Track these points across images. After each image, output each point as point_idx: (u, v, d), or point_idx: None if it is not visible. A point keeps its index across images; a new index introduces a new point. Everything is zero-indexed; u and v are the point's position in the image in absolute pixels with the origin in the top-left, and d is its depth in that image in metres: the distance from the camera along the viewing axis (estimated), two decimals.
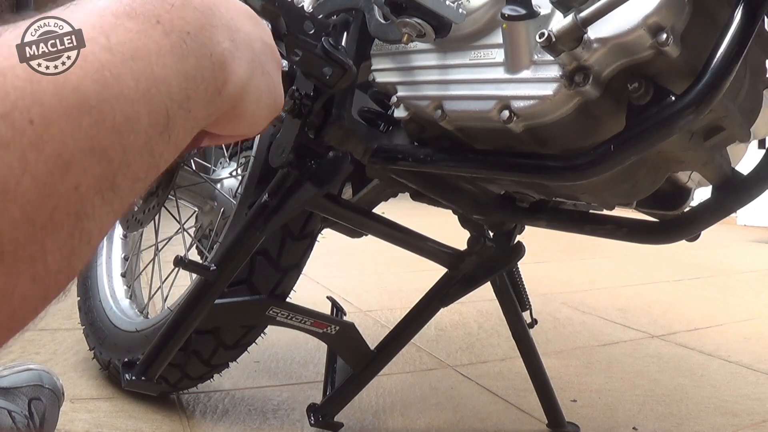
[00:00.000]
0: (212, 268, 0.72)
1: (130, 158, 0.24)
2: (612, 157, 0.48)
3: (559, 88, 0.48)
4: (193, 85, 0.26)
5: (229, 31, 0.29)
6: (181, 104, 0.26)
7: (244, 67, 0.30)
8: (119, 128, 0.23)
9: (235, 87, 0.29)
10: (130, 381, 0.74)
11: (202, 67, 0.27)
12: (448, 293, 0.84)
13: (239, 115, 0.31)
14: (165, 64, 0.25)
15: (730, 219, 3.16)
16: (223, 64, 0.28)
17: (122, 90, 0.23)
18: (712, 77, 0.44)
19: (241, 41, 0.30)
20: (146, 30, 0.25)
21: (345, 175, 0.66)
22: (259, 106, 0.32)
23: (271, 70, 0.32)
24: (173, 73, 0.25)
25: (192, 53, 0.26)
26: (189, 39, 0.26)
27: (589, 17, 0.44)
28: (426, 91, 0.57)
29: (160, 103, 0.25)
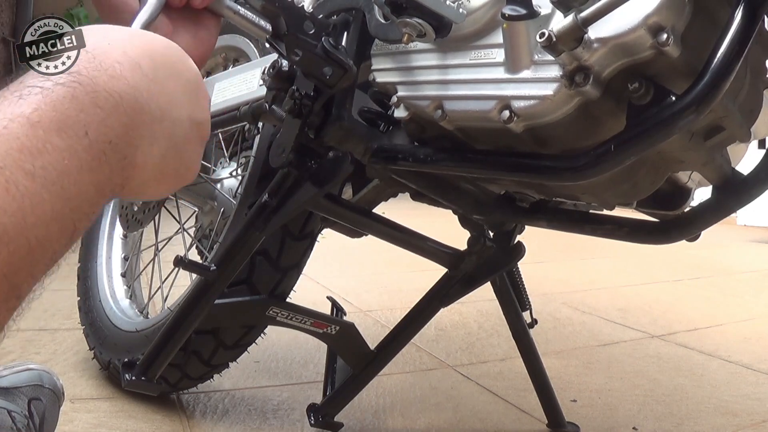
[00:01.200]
0: (212, 268, 0.72)
1: (36, 272, 0.25)
2: (612, 158, 0.48)
3: (559, 88, 0.48)
4: (102, 193, 0.28)
5: (151, 126, 0.30)
6: (88, 213, 0.27)
7: (154, 158, 0.31)
8: (32, 251, 0.24)
9: (140, 179, 0.31)
10: (130, 381, 0.74)
11: (114, 173, 0.28)
12: (448, 293, 0.84)
13: (139, 194, 0.33)
14: (82, 180, 0.26)
15: (730, 219, 3.16)
16: (133, 162, 0.29)
17: (39, 217, 0.24)
18: (713, 77, 0.44)
19: (162, 131, 0.31)
20: (72, 146, 0.26)
21: (345, 175, 0.66)
22: (160, 186, 0.33)
23: (187, 150, 0.34)
24: (87, 187, 0.26)
25: (108, 162, 0.27)
26: (109, 149, 0.27)
27: (590, 17, 0.44)
28: (426, 91, 0.57)
29: (70, 219, 0.26)
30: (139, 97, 0.29)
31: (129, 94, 0.28)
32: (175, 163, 0.33)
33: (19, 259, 0.24)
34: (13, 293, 0.24)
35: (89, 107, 0.26)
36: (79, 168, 0.26)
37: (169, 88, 0.31)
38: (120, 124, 0.28)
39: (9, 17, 3.22)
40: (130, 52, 0.30)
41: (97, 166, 0.27)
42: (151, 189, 0.33)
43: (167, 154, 0.32)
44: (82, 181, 0.26)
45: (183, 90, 0.33)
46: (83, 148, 0.26)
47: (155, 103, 0.30)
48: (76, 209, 0.26)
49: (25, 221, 0.24)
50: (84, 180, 0.26)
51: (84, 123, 0.26)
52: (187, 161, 0.34)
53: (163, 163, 0.32)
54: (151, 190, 0.33)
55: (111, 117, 0.27)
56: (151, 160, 0.31)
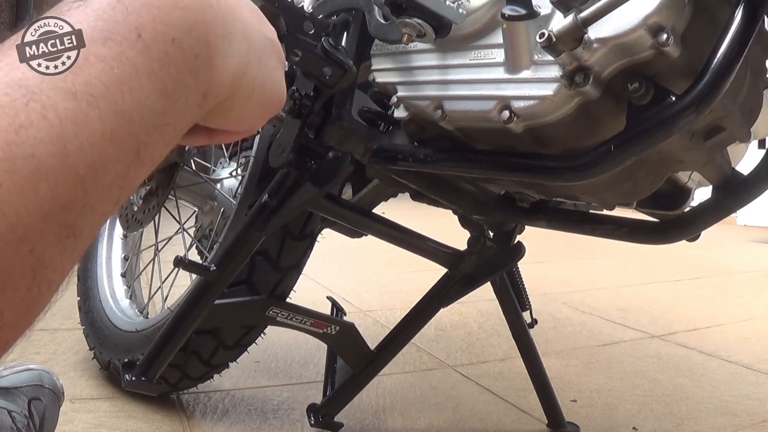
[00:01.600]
0: (212, 269, 0.72)
1: (94, 202, 0.22)
2: (612, 158, 0.48)
3: (559, 88, 0.48)
4: (173, 99, 0.25)
5: (224, 23, 0.27)
6: (156, 124, 0.24)
7: (235, 62, 0.27)
8: (82, 180, 0.22)
9: (221, 85, 0.27)
10: (130, 381, 0.74)
11: (184, 74, 0.25)
12: (448, 293, 0.84)
13: (225, 112, 0.29)
14: (141, 86, 0.23)
15: (730, 219, 3.16)
16: (210, 63, 0.26)
17: (86, 139, 0.22)
18: (713, 77, 0.44)
19: (237, 33, 0.28)
20: (122, 52, 0.23)
21: (345, 175, 0.66)
22: (250, 103, 0.30)
23: (270, 64, 0.30)
24: (149, 94, 0.24)
25: (174, 63, 0.25)
26: (172, 48, 0.25)
27: (590, 17, 0.44)
28: (426, 91, 0.57)
29: (131, 135, 0.23)
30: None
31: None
32: (261, 74, 0.29)
33: (66, 193, 0.21)
34: (66, 232, 0.21)
35: (139, 7, 0.24)
36: (134, 75, 0.23)
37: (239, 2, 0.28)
38: (182, 20, 0.25)
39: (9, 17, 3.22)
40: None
41: (158, 68, 0.24)
42: (237, 103, 0.29)
43: (249, 62, 0.28)
44: (139, 88, 0.23)
45: (249, 7, 0.30)
46: (137, 52, 0.23)
47: (223, 2, 0.27)
48: (137, 121, 0.23)
49: (67, 148, 0.21)
50: (143, 87, 0.23)
51: (135, 25, 0.23)
52: (274, 78, 0.31)
53: (246, 71, 0.28)
54: (238, 105, 0.29)
55: (170, 14, 0.25)
56: (230, 64, 0.27)
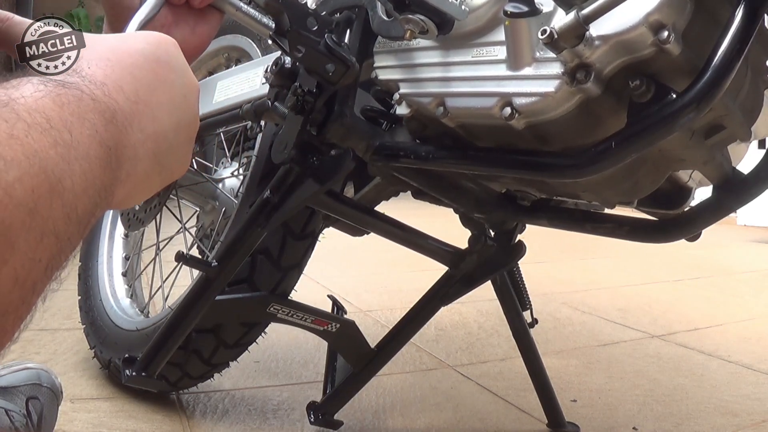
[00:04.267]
0: (213, 264, 0.72)
1: (71, 231, 0.25)
2: (613, 155, 0.48)
3: (560, 85, 0.49)
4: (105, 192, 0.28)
5: (135, 145, 0.30)
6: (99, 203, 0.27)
7: (137, 177, 0.31)
8: (78, 219, 0.24)
9: (124, 193, 0.31)
10: (130, 377, 0.74)
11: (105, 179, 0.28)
12: (448, 292, 0.84)
13: (122, 205, 0.33)
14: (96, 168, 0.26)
15: (730, 219, 3.16)
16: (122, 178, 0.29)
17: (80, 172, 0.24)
18: (713, 75, 0.44)
19: (145, 149, 0.31)
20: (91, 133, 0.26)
21: (347, 172, 0.66)
22: (145, 195, 0.34)
23: (173, 158, 0.34)
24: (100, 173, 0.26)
25: (110, 167, 0.28)
26: (110, 154, 0.27)
27: (591, 14, 0.45)
28: (428, 89, 0.58)
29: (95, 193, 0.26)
30: (121, 119, 0.29)
31: (117, 110, 0.29)
32: (160, 175, 0.34)
33: (62, 216, 0.23)
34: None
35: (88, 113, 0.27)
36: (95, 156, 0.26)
37: (151, 105, 0.31)
38: (114, 134, 0.28)
39: None
40: (112, 75, 0.30)
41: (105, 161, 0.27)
42: (134, 200, 0.34)
43: (152, 170, 0.32)
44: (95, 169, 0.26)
45: (167, 99, 0.33)
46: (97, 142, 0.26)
47: (137, 124, 0.30)
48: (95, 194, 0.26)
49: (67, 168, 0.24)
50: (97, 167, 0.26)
51: (91, 123, 0.26)
52: (173, 168, 0.35)
53: (146, 178, 0.32)
54: (135, 200, 0.34)
55: (107, 127, 0.27)
56: (134, 179, 0.31)
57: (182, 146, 0.35)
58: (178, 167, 0.35)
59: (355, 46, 0.61)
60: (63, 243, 0.24)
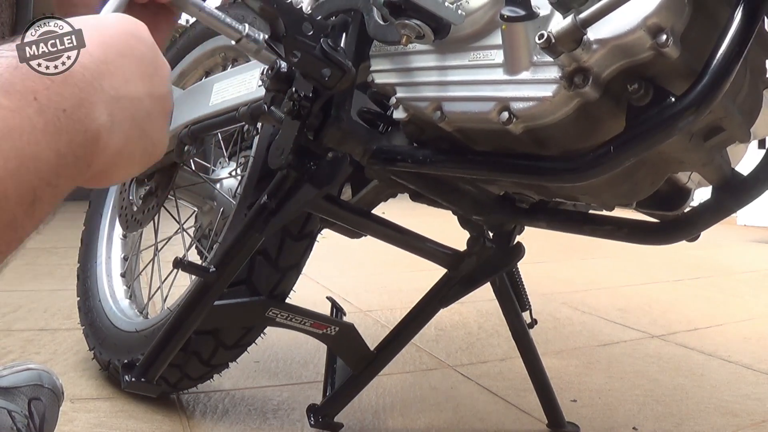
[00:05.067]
0: (211, 270, 0.72)
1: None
2: (611, 159, 0.48)
3: (558, 89, 0.48)
4: (63, 161, 0.27)
5: (109, 104, 0.30)
6: (50, 181, 0.26)
7: (118, 138, 0.31)
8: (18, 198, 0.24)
9: (106, 158, 0.30)
10: (129, 382, 0.74)
11: (74, 143, 0.27)
12: (447, 294, 0.84)
13: (108, 176, 0.32)
14: (37, 141, 0.25)
15: (730, 219, 3.16)
16: (96, 139, 0.29)
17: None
18: (712, 78, 0.44)
19: (122, 110, 0.31)
20: (21, 107, 0.25)
21: (344, 176, 0.66)
22: (131, 167, 0.33)
23: (152, 126, 0.34)
24: (44, 151, 0.26)
25: (65, 130, 0.27)
26: (64, 116, 0.27)
27: (589, 18, 0.44)
28: (425, 93, 0.57)
29: (29, 181, 0.25)
30: (88, 76, 0.28)
31: (77, 71, 0.28)
32: (141, 141, 0.33)
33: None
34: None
35: (34, 75, 0.26)
36: (32, 129, 0.25)
37: (122, 67, 0.31)
38: (72, 95, 0.27)
39: (9, 17, 3.21)
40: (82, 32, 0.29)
41: (53, 130, 0.26)
42: (120, 170, 0.33)
43: (131, 134, 0.32)
44: (37, 141, 0.25)
45: (138, 67, 0.32)
46: (34, 111, 0.25)
47: (108, 82, 0.30)
48: (35, 170, 0.25)
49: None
50: (40, 141, 0.25)
51: (30, 89, 0.26)
52: (153, 137, 0.34)
53: (127, 142, 0.32)
54: (121, 171, 0.33)
55: (61, 87, 0.27)
56: (114, 140, 0.30)
57: (159, 117, 0.34)
58: (158, 139, 0.35)
59: (351, 50, 0.60)
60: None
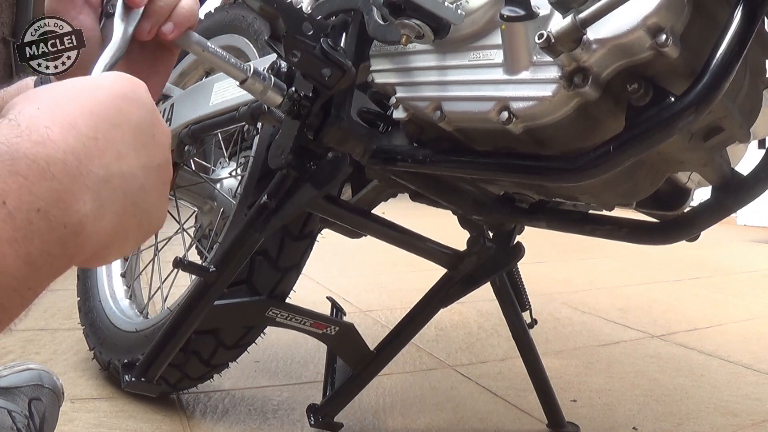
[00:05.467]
0: (211, 270, 0.72)
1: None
2: (611, 159, 0.48)
3: (558, 89, 0.48)
4: (34, 267, 0.26)
5: (96, 187, 0.28)
6: (16, 290, 0.25)
7: (107, 221, 0.29)
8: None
9: (94, 244, 0.29)
10: (129, 382, 0.74)
11: (49, 243, 0.26)
12: (447, 294, 0.84)
13: (102, 259, 0.31)
14: (2, 253, 0.24)
15: (730, 219, 3.16)
16: (77, 232, 0.27)
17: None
18: (712, 78, 0.44)
19: (112, 192, 0.29)
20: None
21: (344, 176, 0.66)
22: (125, 246, 0.32)
23: (148, 201, 0.32)
24: (10, 261, 0.25)
25: (38, 233, 0.25)
26: (37, 217, 0.25)
27: (589, 18, 0.44)
28: (425, 92, 0.57)
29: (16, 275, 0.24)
30: (71, 161, 0.27)
31: (59, 159, 0.26)
32: (135, 218, 0.31)
33: None
34: None
35: (6, 175, 0.25)
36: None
37: (113, 141, 0.29)
38: (49, 191, 0.26)
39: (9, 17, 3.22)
40: (63, 114, 0.28)
41: (22, 236, 0.25)
42: (113, 251, 0.31)
43: (125, 213, 0.30)
44: (1, 255, 0.24)
45: (133, 137, 0.31)
46: (1, 219, 0.24)
47: (97, 163, 0.28)
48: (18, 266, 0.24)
49: None
50: (4, 254, 0.24)
51: (0, 192, 0.24)
52: (150, 211, 0.32)
53: (121, 223, 0.30)
54: (114, 251, 0.31)
55: (36, 184, 0.25)
56: (104, 225, 0.29)
57: (157, 189, 0.32)
58: (156, 212, 0.33)
59: (351, 50, 0.60)
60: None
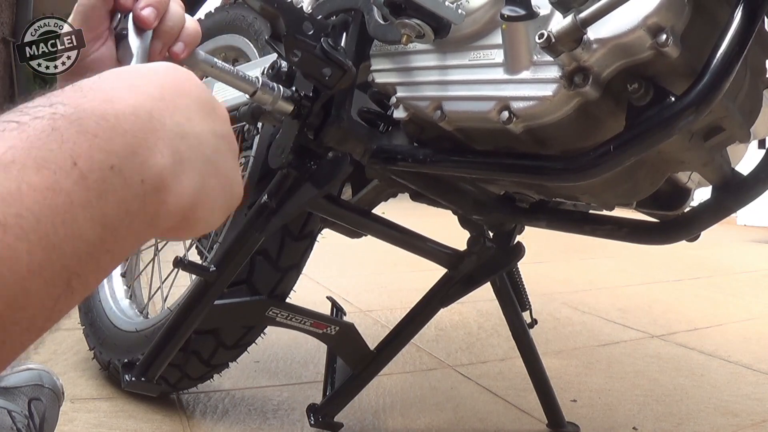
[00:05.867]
0: (211, 269, 0.72)
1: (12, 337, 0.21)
2: (612, 158, 0.48)
3: (558, 88, 0.48)
4: (112, 227, 0.24)
5: (173, 142, 0.27)
6: (92, 253, 0.23)
7: (190, 178, 0.27)
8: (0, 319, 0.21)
9: (179, 204, 0.27)
10: (129, 382, 0.74)
11: (127, 201, 0.24)
12: (447, 293, 0.84)
13: (191, 225, 0.29)
14: (75, 217, 0.23)
15: (730, 219, 3.16)
16: (158, 187, 0.26)
17: (9, 274, 0.21)
18: (712, 78, 0.44)
19: (190, 148, 0.28)
20: (56, 182, 0.22)
21: (344, 175, 0.66)
22: (213, 211, 0.30)
23: (225, 165, 0.30)
24: (84, 225, 0.23)
25: (113, 190, 0.24)
26: (111, 175, 0.24)
27: (589, 18, 0.44)
28: (425, 92, 0.57)
29: (62, 267, 0.22)
30: (143, 115, 0.26)
31: (129, 113, 0.25)
32: (218, 180, 0.29)
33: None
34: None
35: (75, 136, 0.23)
36: (69, 205, 0.22)
37: (181, 105, 0.28)
38: (122, 146, 0.24)
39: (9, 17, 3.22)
40: (127, 77, 0.27)
41: (95, 198, 0.23)
42: (203, 216, 0.29)
43: (206, 172, 0.28)
44: (73, 220, 0.22)
45: (197, 107, 0.29)
46: (73, 181, 0.22)
47: (169, 119, 0.27)
48: (69, 253, 0.22)
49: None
50: (77, 218, 0.22)
51: (70, 153, 0.23)
52: (230, 176, 0.30)
53: (203, 184, 0.28)
54: (204, 217, 0.29)
55: (107, 141, 0.24)
56: (185, 182, 0.27)
57: (230, 156, 0.31)
58: (235, 178, 0.31)
59: (351, 49, 0.60)
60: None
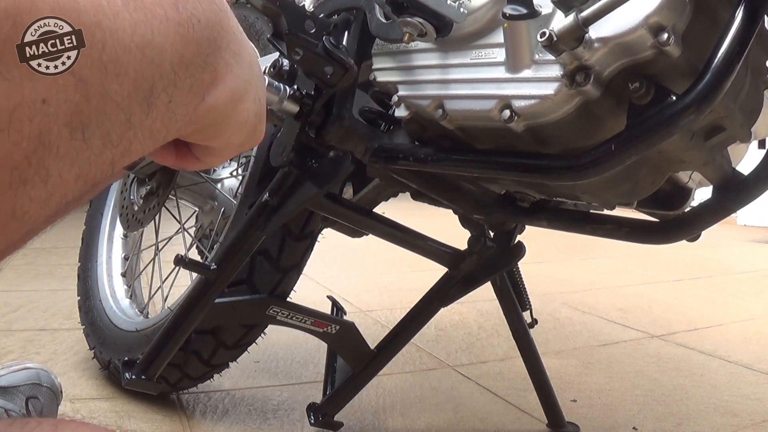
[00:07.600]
0: (212, 267, 0.72)
1: (107, 108, 0.22)
2: (613, 157, 0.48)
3: (560, 87, 0.48)
4: (184, 72, 0.25)
5: (235, 44, 0.27)
6: (166, 86, 0.24)
7: (238, 82, 0.28)
8: (105, 64, 0.22)
9: (220, 99, 0.27)
10: (130, 380, 0.74)
11: (198, 58, 0.25)
12: (448, 293, 0.84)
13: (215, 134, 0.28)
14: (167, 34, 0.24)
15: (730, 219, 3.16)
16: (215, 71, 0.26)
17: (116, 28, 0.22)
18: (713, 77, 0.44)
19: (245, 58, 0.28)
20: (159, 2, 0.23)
21: (346, 174, 0.66)
22: (239, 132, 0.29)
23: (263, 100, 0.31)
24: (171, 48, 0.24)
25: (194, 41, 0.25)
26: (198, 26, 0.25)
27: (591, 17, 0.44)
28: (427, 91, 0.57)
29: (149, 70, 0.23)
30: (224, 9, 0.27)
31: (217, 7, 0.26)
32: (255, 107, 0.29)
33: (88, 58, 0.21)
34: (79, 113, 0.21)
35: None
36: (165, 19, 0.23)
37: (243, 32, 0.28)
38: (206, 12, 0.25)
39: None
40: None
41: (184, 33, 0.24)
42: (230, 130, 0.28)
43: (249, 89, 0.28)
44: (167, 34, 0.24)
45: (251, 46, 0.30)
46: (170, 4, 0.24)
47: (237, 26, 0.27)
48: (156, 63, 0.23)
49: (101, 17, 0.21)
50: (169, 35, 0.24)
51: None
52: (263, 111, 0.31)
53: (245, 96, 0.28)
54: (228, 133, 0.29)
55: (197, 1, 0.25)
56: (231, 82, 0.27)
57: (263, 105, 0.31)
58: (263, 112, 0.31)
59: (353, 48, 0.60)
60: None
